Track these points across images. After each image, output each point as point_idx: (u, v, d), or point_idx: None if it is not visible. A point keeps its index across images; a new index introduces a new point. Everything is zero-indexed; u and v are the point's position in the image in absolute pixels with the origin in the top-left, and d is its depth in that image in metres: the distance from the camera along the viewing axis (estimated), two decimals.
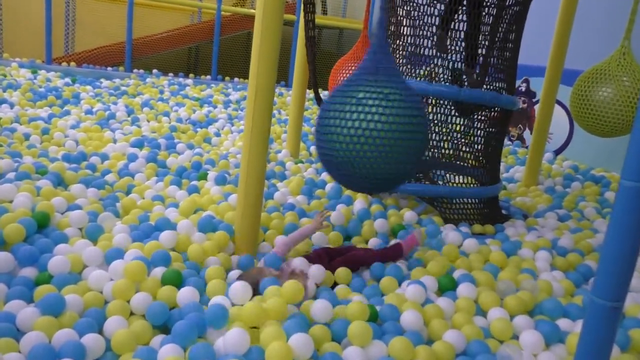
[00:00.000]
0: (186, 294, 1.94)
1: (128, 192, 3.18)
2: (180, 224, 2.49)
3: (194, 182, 3.38)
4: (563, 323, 2.04)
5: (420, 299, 2.09)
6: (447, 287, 2.28)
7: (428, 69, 3.35)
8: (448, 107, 3.38)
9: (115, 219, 2.60)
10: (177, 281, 2.03)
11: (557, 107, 4.65)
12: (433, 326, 1.93)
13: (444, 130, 3.45)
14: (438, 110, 3.37)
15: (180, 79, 8.06)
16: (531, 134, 4.69)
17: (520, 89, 6.20)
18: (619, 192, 1.42)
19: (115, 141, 4.26)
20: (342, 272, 2.34)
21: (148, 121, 5.25)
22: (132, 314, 1.90)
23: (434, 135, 3.40)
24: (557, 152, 5.77)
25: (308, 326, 1.77)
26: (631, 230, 1.40)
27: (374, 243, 2.80)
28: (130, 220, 2.61)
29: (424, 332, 1.93)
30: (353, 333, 1.76)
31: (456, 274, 2.38)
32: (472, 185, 3.43)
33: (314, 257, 2.39)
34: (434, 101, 3.37)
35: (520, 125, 6.31)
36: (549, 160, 5.39)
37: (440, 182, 3.48)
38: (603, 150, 5.16)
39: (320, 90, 4.24)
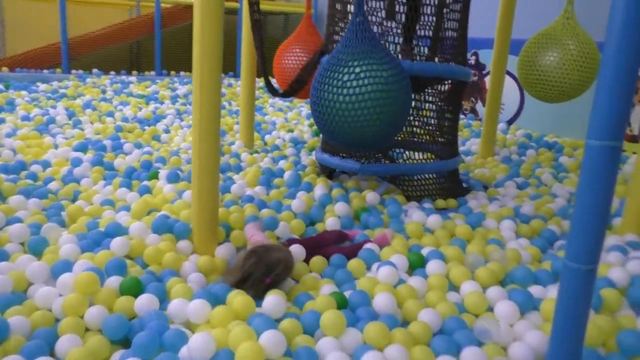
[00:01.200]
0: (145, 303, 1.81)
1: (74, 200, 2.98)
2: (133, 227, 2.34)
3: (145, 183, 3.20)
4: (535, 290, 2.02)
5: (393, 281, 2.02)
6: (417, 264, 2.23)
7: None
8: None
9: (60, 229, 2.42)
10: (137, 290, 1.89)
11: (507, 78, 4.68)
12: (407, 307, 1.87)
13: None
14: None
15: (123, 77, 7.73)
16: (484, 106, 4.71)
17: (469, 62, 6.23)
18: (586, 153, 1.37)
19: (56, 147, 4.01)
20: (317, 261, 2.28)
21: (91, 123, 4.98)
22: (87, 330, 1.75)
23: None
24: (510, 122, 5.85)
25: (277, 322, 1.67)
26: (600, 191, 1.36)
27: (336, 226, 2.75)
28: (78, 229, 2.44)
29: (398, 314, 1.87)
30: (325, 324, 1.67)
31: (424, 251, 2.33)
32: (431, 161, 3.40)
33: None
34: None
35: (472, 98, 6.36)
36: (503, 131, 5.45)
37: (400, 160, 3.44)
38: (553, 117, 5.26)
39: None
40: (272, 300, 1.80)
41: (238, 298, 1.78)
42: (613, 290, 1.94)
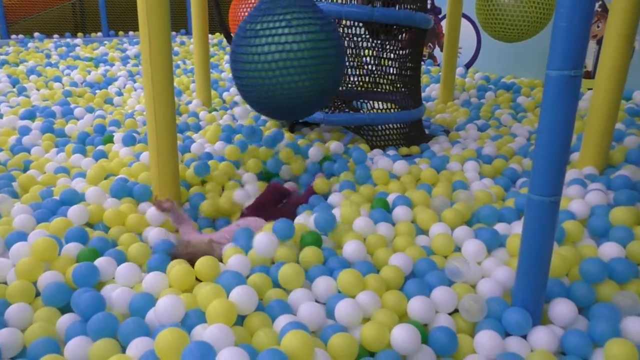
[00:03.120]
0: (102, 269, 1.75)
1: (25, 169, 2.84)
2: (89, 192, 2.25)
3: (100, 147, 3.07)
4: (500, 227, 2.05)
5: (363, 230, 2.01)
6: (384, 209, 2.22)
7: None
8: (361, 32, 3.25)
9: (12, 200, 2.30)
10: (95, 258, 1.82)
11: (463, 21, 4.64)
12: (378, 255, 1.87)
13: (358, 59, 3.33)
14: (352, 38, 3.23)
15: (68, 40, 7.33)
16: (441, 51, 4.68)
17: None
18: (546, 84, 1.36)
19: (1, 116, 3.79)
20: None
21: (37, 89, 4.73)
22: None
23: (349, 64, 3.30)
24: (468, 65, 5.85)
25: (245, 278, 1.65)
26: (561, 121, 1.36)
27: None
28: (31, 199, 2.33)
29: (369, 261, 1.86)
30: (285, 277, 1.66)
31: (390, 198, 2.33)
32: (394, 111, 3.37)
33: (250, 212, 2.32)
34: (348, 23, 3.20)
35: (430, 44, 6.31)
36: (462, 75, 5.46)
37: (364, 111, 3.39)
38: (510, 58, 5.28)
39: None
40: (236, 258, 1.76)
41: (203, 261, 1.73)
42: (574, 222, 1.99)
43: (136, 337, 1.39)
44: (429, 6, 6.12)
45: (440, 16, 6.06)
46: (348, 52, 3.23)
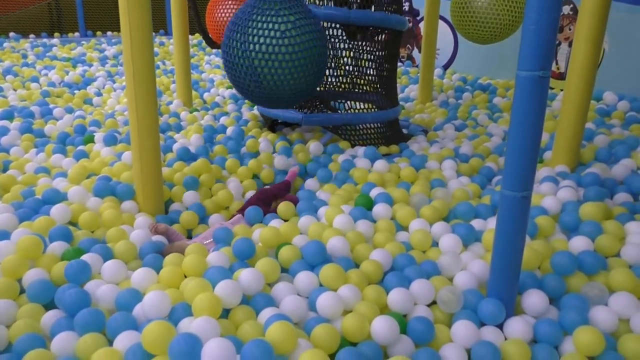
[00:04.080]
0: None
1: (5, 170, 2.82)
2: (71, 191, 2.26)
3: (81, 147, 3.07)
4: (476, 223, 2.13)
5: (347, 228, 2.06)
6: (366, 207, 2.28)
7: None
8: (338, 34, 3.30)
9: None
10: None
11: (440, 23, 4.73)
12: (358, 251, 1.92)
13: (335, 60, 3.39)
14: (329, 39, 3.28)
15: (45, 40, 7.24)
16: (420, 52, 4.77)
17: (403, 8, 6.24)
18: (517, 84, 1.43)
19: None
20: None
21: (14, 90, 4.67)
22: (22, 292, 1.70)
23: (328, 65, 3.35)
24: (446, 66, 5.96)
25: (231, 272, 1.68)
26: (531, 120, 1.43)
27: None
28: (12, 198, 2.32)
29: (350, 257, 1.91)
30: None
31: (373, 193, 2.38)
32: (371, 110, 3.43)
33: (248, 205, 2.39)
34: (325, 25, 3.26)
35: (408, 45, 6.40)
36: (439, 76, 5.56)
37: (342, 111, 3.45)
38: (486, 59, 5.40)
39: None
40: (218, 254, 1.80)
41: (188, 257, 1.77)
42: (547, 217, 2.07)
43: (123, 331, 1.42)
44: (407, 8, 6.23)
45: (418, 18, 6.16)
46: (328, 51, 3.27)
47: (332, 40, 3.28)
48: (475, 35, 3.73)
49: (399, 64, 6.37)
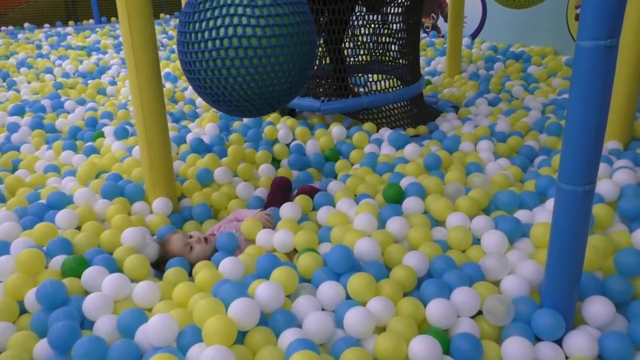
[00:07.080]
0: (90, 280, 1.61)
1: (14, 169, 2.70)
2: (77, 194, 2.10)
3: (90, 143, 2.91)
4: (522, 215, 1.88)
5: (371, 228, 1.84)
6: (395, 198, 2.05)
7: None
8: (359, 7, 3.04)
9: None
10: (83, 268, 1.66)
11: None
12: (389, 254, 1.70)
13: (358, 33, 3.14)
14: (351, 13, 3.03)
15: (59, 29, 7.12)
16: (445, 21, 4.45)
17: None
18: (577, 57, 1.18)
19: None
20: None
21: (28, 82, 4.57)
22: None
23: (350, 40, 3.10)
24: (474, 35, 5.59)
25: (246, 289, 1.49)
26: (595, 100, 1.18)
27: None
28: (17, 203, 2.18)
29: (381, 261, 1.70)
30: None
31: (403, 182, 2.15)
32: (393, 90, 3.16)
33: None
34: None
35: (432, 15, 6.04)
36: (468, 46, 5.21)
37: (361, 90, 3.20)
38: (518, 25, 5.03)
39: None
40: (230, 261, 1.62)
41: (202, 272, 1.59)
42: (603, 205, 1.81)
43: None
44: None
45: None
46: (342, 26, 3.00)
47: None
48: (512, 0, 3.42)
49: (424, 34, 6.03)
